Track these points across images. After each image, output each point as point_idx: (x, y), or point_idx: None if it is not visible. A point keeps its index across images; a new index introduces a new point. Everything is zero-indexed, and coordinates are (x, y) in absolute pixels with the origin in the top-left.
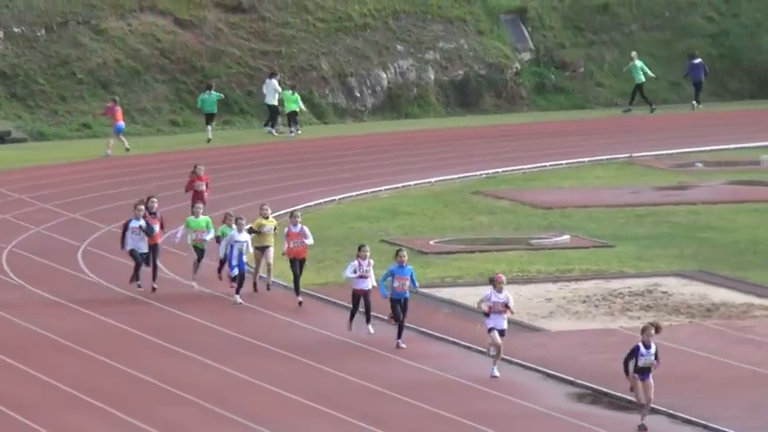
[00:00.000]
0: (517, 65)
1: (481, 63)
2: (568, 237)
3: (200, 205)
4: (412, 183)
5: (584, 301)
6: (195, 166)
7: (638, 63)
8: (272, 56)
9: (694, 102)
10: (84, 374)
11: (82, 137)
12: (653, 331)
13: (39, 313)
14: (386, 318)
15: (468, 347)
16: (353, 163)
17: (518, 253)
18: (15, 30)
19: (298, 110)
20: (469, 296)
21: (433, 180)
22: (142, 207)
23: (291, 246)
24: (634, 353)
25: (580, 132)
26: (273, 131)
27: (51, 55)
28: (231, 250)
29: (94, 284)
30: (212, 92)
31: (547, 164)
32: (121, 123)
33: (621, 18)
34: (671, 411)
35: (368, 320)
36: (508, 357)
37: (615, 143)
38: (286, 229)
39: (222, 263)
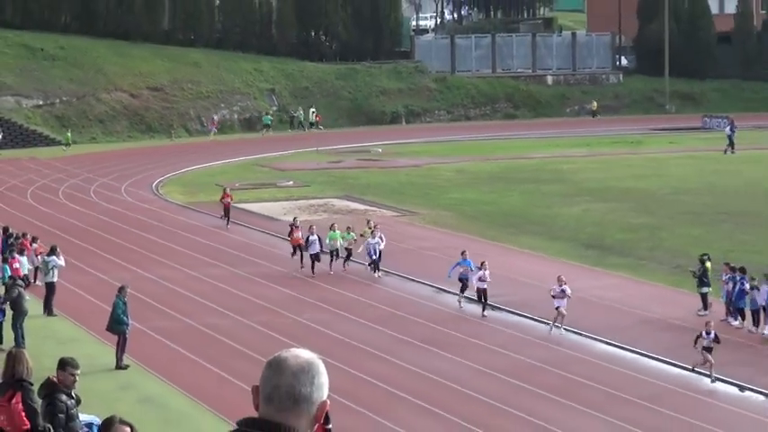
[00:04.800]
0: (272, 111)
1: (257, 111)
2: (292, 182)
3: (336, 225)
4: (228, 160)
5: (299, 209)
6: (224, 188)
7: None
8: (172, 110)
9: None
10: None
11: (91, 143)
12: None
13: (69, 212)
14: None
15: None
16: (205, 153)
17: (272, 189)
18: (64, 98)
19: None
20: (260, 208)
21: (236, 159)
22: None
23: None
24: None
25: (295, 140)
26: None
27: (80, 108)
28: (370, 248)
29: (102, 207)
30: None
31: (286, 152)
32: (213, 128)
33: (310, 92)
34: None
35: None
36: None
37: (312, 143)
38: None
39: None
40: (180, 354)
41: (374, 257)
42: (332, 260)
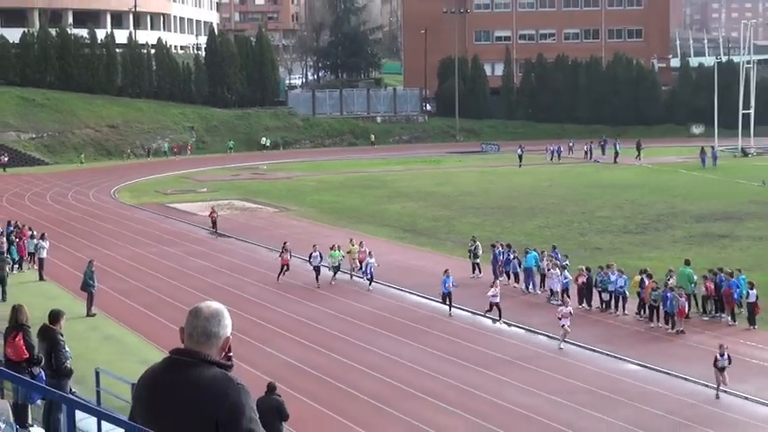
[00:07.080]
0: (191, 141)
1: (182, 142)
2: (206, 189)
3: (338, 245)
4: (161, 174)
5: (214, 207)
6: (212, 208)
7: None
8: (124, 140)
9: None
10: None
11: (69, 164)
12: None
13: (54, 210)
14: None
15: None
16: (147, 169)
17: (193, 194)
18: (50, 133)
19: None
20: (185, 206)
21: (170, 173)
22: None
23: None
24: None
25: (201, 160)
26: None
27: (60, 140)
28: (368, 268)
29: (76, 207)
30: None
31: (201, 169)
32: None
33: (218, 128)
34: None
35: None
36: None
37: (217, 162)
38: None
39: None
40: (131, 306)
41: (372, 273)
42: (334, 274)
